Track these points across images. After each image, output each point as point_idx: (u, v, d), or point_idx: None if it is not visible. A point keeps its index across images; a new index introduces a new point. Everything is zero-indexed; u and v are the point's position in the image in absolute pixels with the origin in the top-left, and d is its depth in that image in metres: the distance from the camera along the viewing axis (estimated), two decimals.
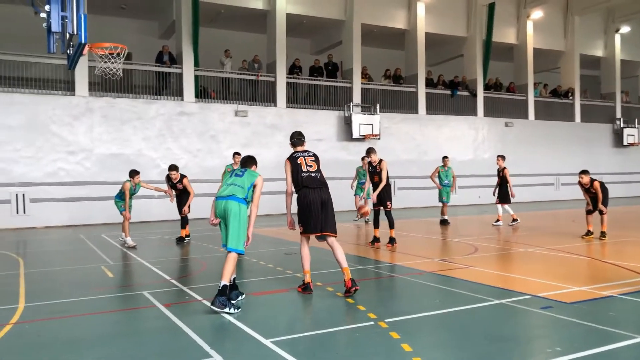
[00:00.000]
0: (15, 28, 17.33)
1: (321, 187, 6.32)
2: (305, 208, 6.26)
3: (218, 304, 5.44)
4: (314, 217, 6.21)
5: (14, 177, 16.13)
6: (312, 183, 6.27)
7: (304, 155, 6.42)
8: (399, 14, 23.06)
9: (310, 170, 6.31)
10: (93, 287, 7.18)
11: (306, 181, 6.26)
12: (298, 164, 6.34)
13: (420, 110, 23.07)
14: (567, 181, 25.65)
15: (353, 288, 6.07)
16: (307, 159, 6.38)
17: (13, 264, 9.45)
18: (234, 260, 5.75)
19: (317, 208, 6.22)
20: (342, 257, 6.24)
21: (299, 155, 6.43)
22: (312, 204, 6.21)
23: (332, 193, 6.54)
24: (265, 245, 11.26)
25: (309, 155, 6.44)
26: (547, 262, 8.61)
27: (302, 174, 6.29)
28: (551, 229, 13.71)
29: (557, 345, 4.43)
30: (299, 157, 6.41)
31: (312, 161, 6.39)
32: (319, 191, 6.27)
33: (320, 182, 6.35)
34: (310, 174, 6.30)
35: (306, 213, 6.25)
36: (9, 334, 5.03)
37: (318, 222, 6.23)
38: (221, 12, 20.39)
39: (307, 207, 6.23)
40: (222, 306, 5.44)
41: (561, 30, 27.59)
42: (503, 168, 14.36)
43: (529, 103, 26.10)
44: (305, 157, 6.39)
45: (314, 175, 6.31)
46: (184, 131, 18.48)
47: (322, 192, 6.29)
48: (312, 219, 6.22)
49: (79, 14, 8.06)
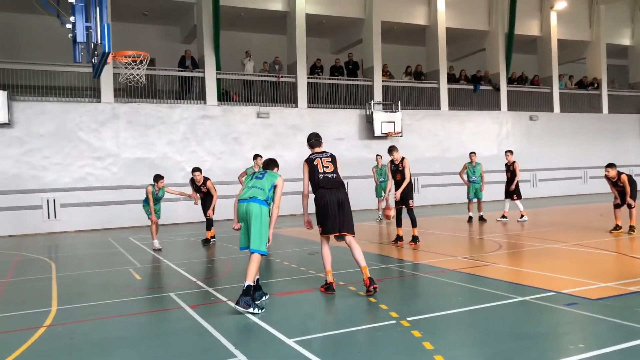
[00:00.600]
0: (43, 38, 17.86)
1: (337, 188, 6.36)
2: (322, 209, 6.33)
3: (242, 304, 5.54)
4: (331, 218, 6.28)
5: (45, 183, 16.60)
6: (329, 184, 6.33)
7: (320, 157, 6.48)
8: (419, 10, 22.93)
9: (326, 172, 6.37)
10: (121, 289, 7.38)
11: (322, 182, 6.33)
12: (314, 165, 6.41)
13: (442, 106, 22.91)
14: (595, 174, 25.14)
15: (372, 286, 6.10)
16: (323, 160, 6.44)
17: (46, 267, 9.75)
18: (258, 261, 5.85)
19: (334, 208, 6.28)
20: (360, 255, 6.29)
21: (316, 157, 6.50)
22: (328, 204, 6.27)
23: (355, 192, 6.68)
24: (288, 245, 11.36)
25: (325, 157, 6.49)
26: (573, 258, 8.50)
27: (319, 175, 6.36)
28: (578, 223, 13.49)
29: (580, 342, 4.41)
30: (315, 158, 6.48)
31: (329, 162, 6.44)
32: (335, 191, 6.32)
33: (337, 182, 6.39)
34: (327, 174, 6.36)
35: (324, 213, 6.32)
36: (43, 336, 5.22)
37: (335, 222, 6.30)
38: (241, 15, 20.58)
39: (324, 208, 6.30)
40: (247, 306, 5.54)
41: (586, 20, 27.03)
42: (512, 162, 14.18)
43: (554, 95, 25.66)
44: (321, 159, 6.45)
45: (330, 176, 6.36)
46: (207, 134, 18.74)
47: (338, 193, 6.33)
48: (330, 220, 6.29)
49: (102, 24, 8.27)
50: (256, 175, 6.21)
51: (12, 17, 18.74)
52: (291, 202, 11.47)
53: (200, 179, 11.79)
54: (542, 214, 16.96)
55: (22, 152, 16.34)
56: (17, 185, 16.25)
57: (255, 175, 6.21)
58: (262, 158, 11.90)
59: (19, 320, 5.96)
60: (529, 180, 24.55)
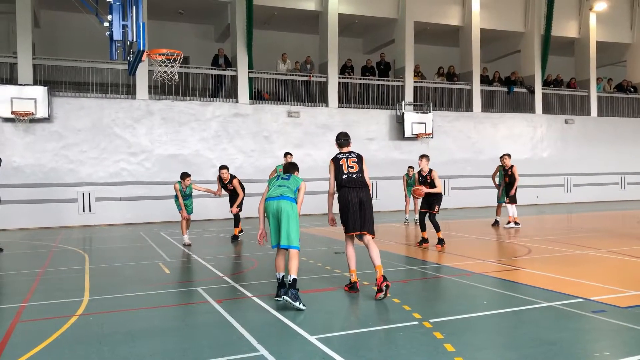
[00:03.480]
0: (82, 36, 18.38)
1: (360, 187, 6.38)
2: (344, 208, 6.38)
3: (291, 296, 5.64)
4: (352, 217, 6.31)
5: (81, 177, 17.10)
6: (351, 183, 6.36)
7: (346, 157, 6.51)
8: (453, 10, 22.69)
9: (350, 172, 6.40)
10: (151, 282, 7.56)
11: (346, 181, 6.37)
12: (340, 165, 6.45)
13: (475, 108, 22.62)
14: (634, 180, 24.48)
15: (384, 283, 6.02)
16: (349, 160, 6.47)
17: (80, 259, 10.07)
18: (297, 256, 5.95)
19: (355, 208, 6.30)
20: (376, 255, 6.27)
21: (342, 157, 6.53)
22: (350, 203, 6.31)
23: (383, 192, 6.70)
24: (316, 244, 11.43)
25: (351, 157, 6.52)
26: (605, 264, 8.31)
27: (343, 174, 6.40)
28: (613, 230, 13.16)
29: (606, 350, 4.33)
30: (341, 158, 6.52)
31: (354, 162, 6.47)
32: (357, 191, 6.34)
33: (361, 182, 6.41)
34: (351, 175, 6.39)
35: (346, 212, 6.36)
36: (75, 324, 5.41)
37: (357, 222, 6.32)
38: (274, 15, 20.76)
39: (346, 207, 6.34)
40: (295, 299, 5.64)
41: (627, 21, 26.26)
42: (511, 166, 13.89)
43: (591, 99, 25.03)
44: (347, 159, 6.48)
45: (354, 176, 6.39)
46: (238, 132, 18.98)
47: (360, 192, 6.35)
48: (351, 219, 6.32)
49: (138, 22, 8.49)
50: (282, 177, 6.37)
51: (54, 14, 19.40)
52: (320, 201, 11.54)
53: (227, 176, 11.88)
54: (576, 219, 16.60)
55: (60, 146, 16.87)
56: (54, 178, 16.79)
57: (281, 177, 6.38)
58: (292, 156, 12.01)
59: (54, 308, 6.19)
60: (563, 185, 24.04)
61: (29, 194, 16.45)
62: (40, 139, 16.68)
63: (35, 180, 16.60)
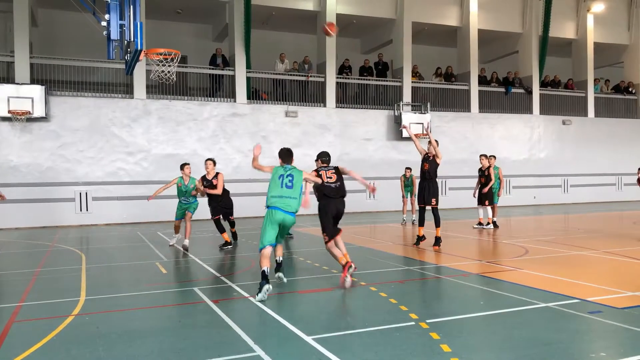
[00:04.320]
0: (80, 35, 18.32)
1: (338, 198, 7.31)
2: (323, 217, 7.29)
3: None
4: (329, 226, 7.23)
5: (78, 176, 17.06)
6: (331, 192, 7.29)
7: (325, 169, 7.50)
8: (451, 10, 22.71)
9: (329, 182, 7.34)
10: (147, 282, 7.55)
11: (326, 190, 7.31)
12: (320, 175, 7.41)
13: (472, 109, 22.65)
14: (630, 181, 24.48)
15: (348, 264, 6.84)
16: (327, 172, 7.43)
17: (76, 259, 10.05)
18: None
19: (330, 219, 7.23)
20: (343, 246, 7.31)
21: (322, 169, 7.51)
22: (329, 213, 7.26)
23: (380, 192, 6.89)
24: (312, 244, 11.42)
25: (329, 169, 7.50)
26: (601, 265, 8.33)
27: (324, 183, 7.35)
28: (609, 231, 13.18)
29: (602, 350, 4.33)
30: (320, 170, 7.51)
31: (332, 173, 7.42)
32: (335, 202, 7.29)
33: (337, 191, 7.29)
34: (330, 184, 7.33)
35: (324, 221, 7.27)
36: (71, 324, 5.39)
37: (334, 231, 7.25)
38: (272, 14, 20.74)
39: (325, 216, 7.27)
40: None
41: (624, 22, 26.32)
42: (488, 167, 13.80)
43: (588, 100, 25.08)
44: (326, 171, 7.45)
45: (333, 185, 7.33)
46: (236, 132, 18.95)
47: (337, 203, 7.30)
48: (328, 229, 7.22)
49: (135, 22, 8.48)
50: (286, 183, 6.59)
51: (51, 13, 19.34)
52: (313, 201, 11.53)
53: (211, 169, 10.72)
54: (573, 220, 16.63)
55: (57, 145, 16.83)
56: (51, 178, 16.75)
57: (285, 183, 6.59)
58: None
59: (50, 308, 6.17)
60: (560, 185, 24.08)
61: (26, 193, 16.41)
62: (37, 138, 16.64)
63: (32, 180, 16.55)
